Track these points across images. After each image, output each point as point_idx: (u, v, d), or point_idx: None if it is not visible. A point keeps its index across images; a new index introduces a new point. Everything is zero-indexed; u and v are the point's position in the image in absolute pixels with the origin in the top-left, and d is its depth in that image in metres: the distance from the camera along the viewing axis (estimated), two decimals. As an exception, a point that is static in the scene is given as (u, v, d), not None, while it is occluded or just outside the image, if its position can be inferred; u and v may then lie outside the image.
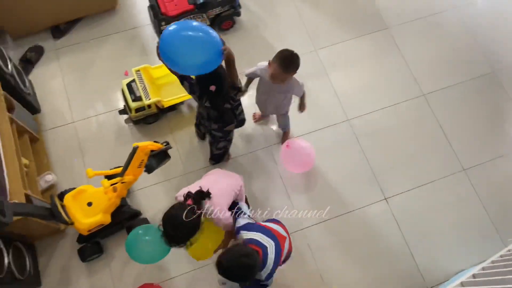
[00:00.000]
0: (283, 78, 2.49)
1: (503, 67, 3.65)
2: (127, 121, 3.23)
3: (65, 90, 3.33)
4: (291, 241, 2.37)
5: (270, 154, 3.21)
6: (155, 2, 3.36)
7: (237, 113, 2.61)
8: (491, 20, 3.86)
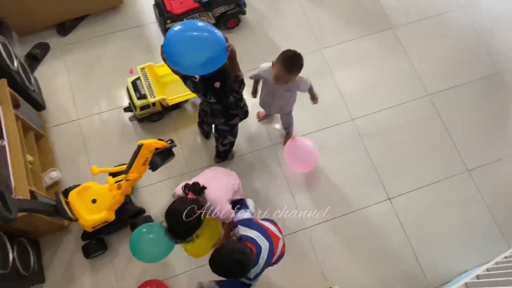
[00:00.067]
0: (287, 79, 2.48)
1: (508, 67, 3.63)
2: (131, 119, 3.25)
3: (70, 87, 3.34)
4: (284, 242, 2.37)
5: (274, 153, 3.21)
6: (160, 0, 3.36)
7: (241, 105, 2.60)
8: (497, 20, 3.84)
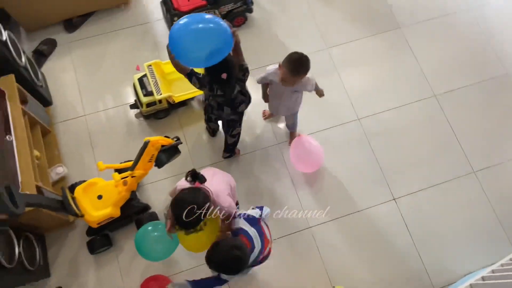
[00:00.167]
0: (294, 81, 2.49)
1: (516, 69, 3.61)
2: (137, 116, 3.25)
3: (77, 83, 3.35)
4: (271, 246, 2.36)
5: (279, 151, 3.21)
6: (167, -3, 3.37)
7: (245, 92, 2.58)
8: (505, 21, 3.82)
